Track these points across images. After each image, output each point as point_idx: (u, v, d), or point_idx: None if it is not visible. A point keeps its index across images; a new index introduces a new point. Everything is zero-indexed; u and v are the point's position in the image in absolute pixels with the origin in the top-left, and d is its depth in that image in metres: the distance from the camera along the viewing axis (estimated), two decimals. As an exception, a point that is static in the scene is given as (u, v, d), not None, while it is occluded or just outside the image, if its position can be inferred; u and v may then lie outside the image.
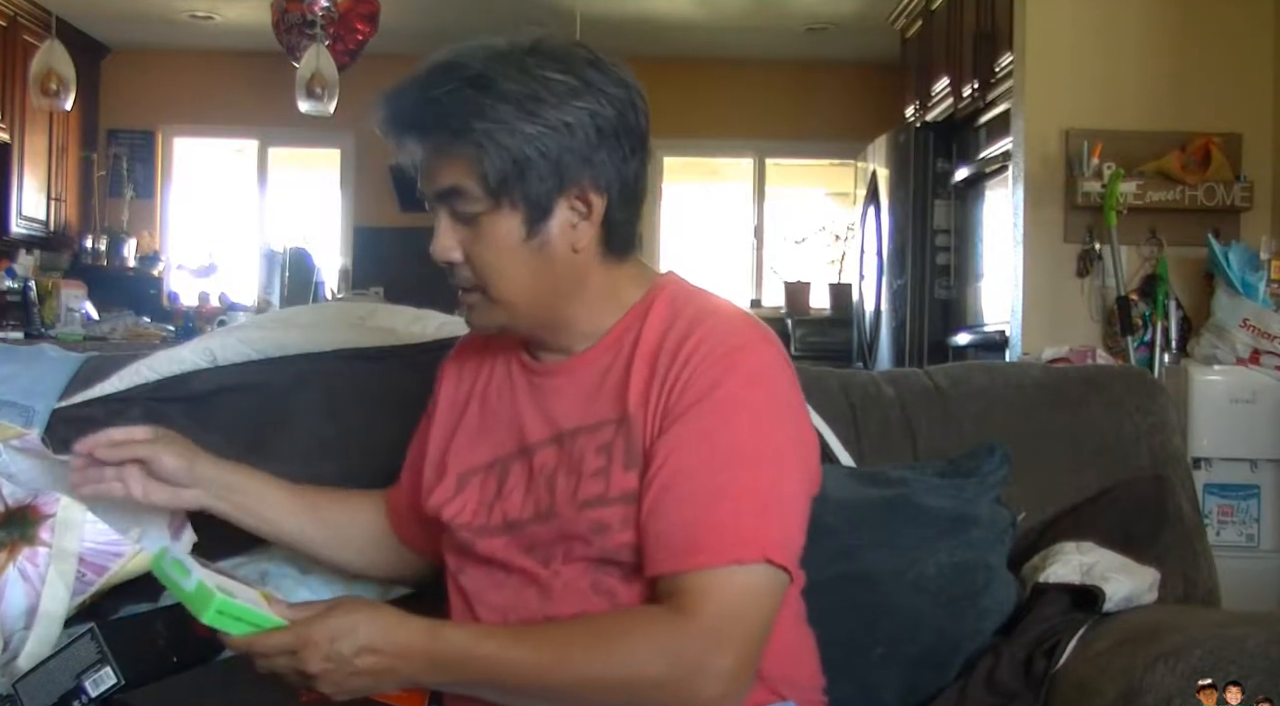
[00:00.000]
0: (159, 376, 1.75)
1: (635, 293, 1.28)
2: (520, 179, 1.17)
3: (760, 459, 1.18)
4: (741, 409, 1.18)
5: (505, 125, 1.16)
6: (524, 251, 1.21)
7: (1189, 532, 1.65)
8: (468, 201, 1.19)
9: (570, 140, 1.18)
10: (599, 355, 1.26)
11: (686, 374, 1.19)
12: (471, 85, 1.16)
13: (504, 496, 1.27)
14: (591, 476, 1.21)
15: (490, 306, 1.24)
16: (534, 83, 1.17)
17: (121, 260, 6.91)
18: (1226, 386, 3.24)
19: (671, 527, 1.15)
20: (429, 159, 1.20)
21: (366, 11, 5.39)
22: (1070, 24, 3.85)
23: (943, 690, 1.45)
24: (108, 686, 1.33)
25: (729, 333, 1.21)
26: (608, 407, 1.23)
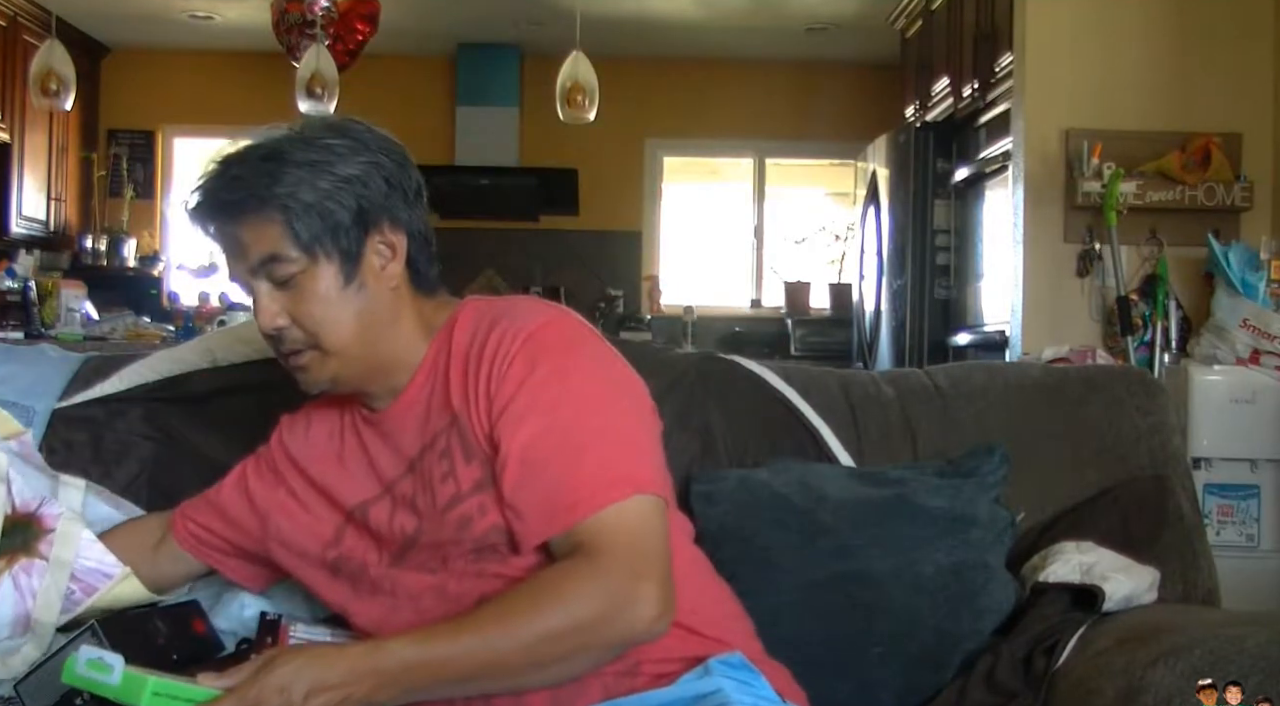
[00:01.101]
0: (159, 376, 1.76)
1: (440, 319, 1.37)
2: (329, 231, 1.28)
3: (599, 410, 1.27)
4: (565, 375, 1.27)
5: (305, 184, 1.27)
6: (346, 297, 1.30)
7: (1189, 532, 1.65)
8: (285, 264, 1.28)
9: (364, 190, 1.29)
10: (421, 384, 1.34)
11: (500, 360, 1.27)
12: (266, 160, 1.28)
13: (377, 537, 1.35)
14: (441, 481, 1.29)
15: (324, 360, 1.31)
16: (318, 149, 1.28)
17: (121, 260, 6.91)
18: (1226, 386, 3.24)
19: (543, 493, 1.22)
20: (240, 236, 1.28)
21: (366, 11, 5.39)
22: (1070, 24, 3.85)
23: (941, 690, 1.45)
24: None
25: (525, 315, 1.30)
26: (438, 418, 1.32)
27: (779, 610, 1.44)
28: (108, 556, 1.43)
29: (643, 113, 7.11)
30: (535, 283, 7.19)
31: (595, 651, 1.18)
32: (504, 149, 7.08)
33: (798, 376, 1.76)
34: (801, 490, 1.55)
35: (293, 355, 1.32)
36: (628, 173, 7.36)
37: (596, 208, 7.15)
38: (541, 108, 6.06)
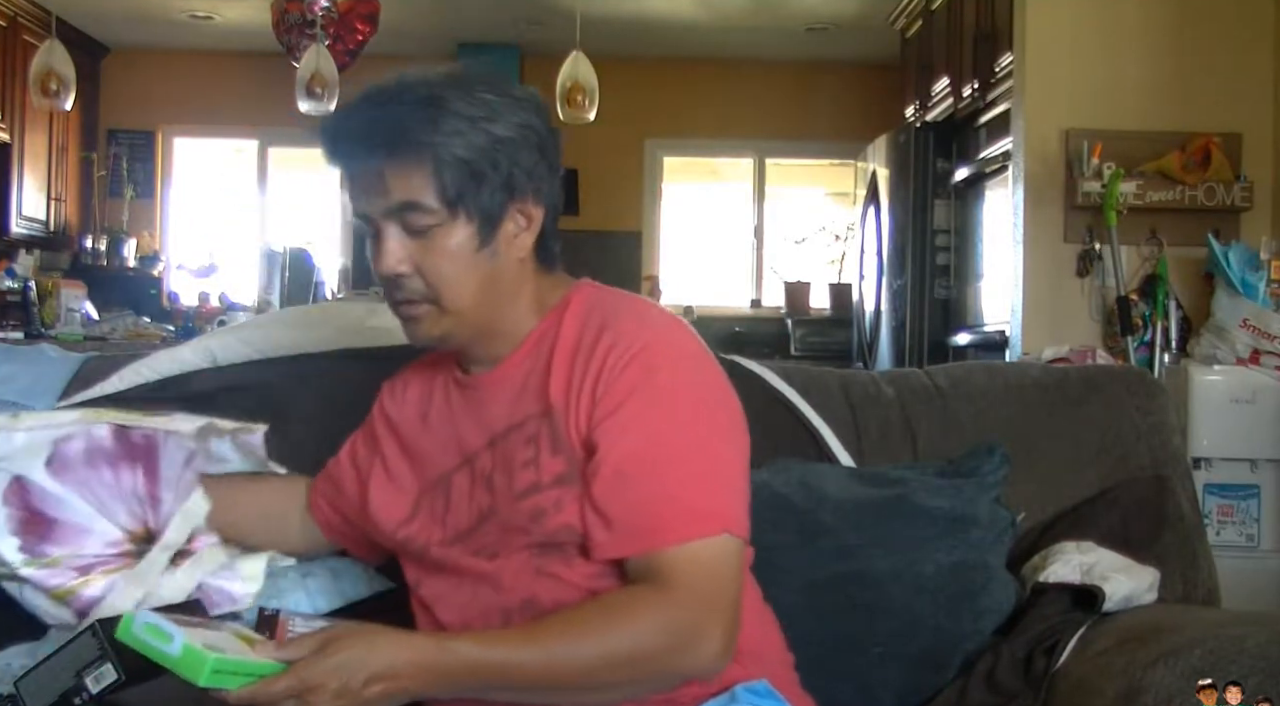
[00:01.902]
0: (159, 376, 1.76)
1: (555, 297, 1.35)
2: (476, 190, 1.24)
3: (703, 437, 1.25)
4: (675, 394, 1.25)
5: (461, 137, 1.22)
6: (476, 260, 1.27)
7: (1189, 532, 1.65)
8: (422, 215, 1.24)
9: (515, 152, 1.26)
10: (522, 358, 1.32)
11: (611, 365, 1.24)
12: (426, 103, 1.23)
13: (451, 509, 1.34)
14: (523, 467, 1.27)
15: (440, 317, 1.28)
16: (477, 102, 1.24)
17: (121, 260, 6.91)
18: (1226, 386, 3.24)
19: (633, 509, 1.20)
20: (384, 174, 1.24)
21: (366, 11, 5.39)
22: (1070, 24, 3.85)
23: (941, 690, 1.45)
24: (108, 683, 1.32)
25: (641, 323, 1.28)
26: (532, 403, 1.29)
27: (779, 610, 1.44)
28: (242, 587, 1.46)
29: (643, 113, 7.12)
30: (535, 282, 7.17)
31: (651, 682, 1.18)
32: (504, 149, 7.08)
33: (798, 376, 1.76)
34: (802, 490, 1.55)
35: (407, 304, 1.29)
36: (628, 173, 7.37)
37: (596, 208, 7.15)
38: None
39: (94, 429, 1.45)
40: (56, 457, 1.42)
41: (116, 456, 1.45)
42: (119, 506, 1.45)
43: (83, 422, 1.45)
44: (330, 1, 5.21)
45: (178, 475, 1.46)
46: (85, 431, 1.45)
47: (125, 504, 1.45)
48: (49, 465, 1.42)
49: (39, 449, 1.43)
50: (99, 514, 1.44)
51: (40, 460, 1.42)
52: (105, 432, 1.45)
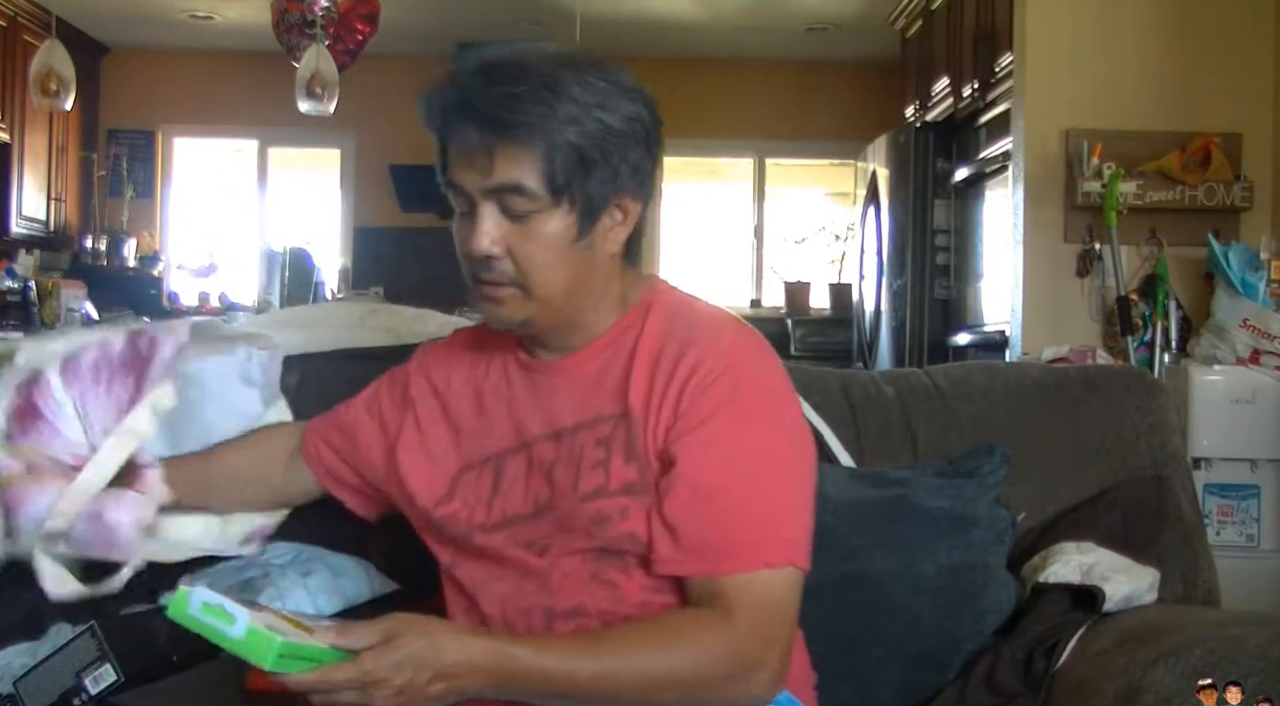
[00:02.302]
0: (159, 376, 1.75)
1: (636, 295, 1.34)
2: (583, 179, 1.22)
3: (780, 465, 1.24)
4: (757, 418, 1.24)
5: (575, 125, 1.20)
6: (571, 251, 1.25)
7: (1189, 532, 1.64)
8: (525, 199, 1.21)
9: (625, 144, 1.24)
10: (596, 353, 1.30)
11: (697, 381, 1.23)
12: (545, 86, 1.19)
13: (501, 492, 1.31)
14: (591, 468, 1.25)
15: (525, 302, 1.25)
16: (592, 89, 1.22)
17: (121, 260, 6.91)
18: (1226, 386, 3.24)
19: (703, 530, 1.19)
20: (488, 153, 1.20)
21: (366, 11, 5.39)
22: (1070, 24, 3.85)
23: (942, 690, 1.45)
24: (107, 684, 1.33)
25: (733, 342, 1.27)
26: (606, 403, 1.27)
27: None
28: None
29: (643, 113, 7.11)
30: (535, 282, 7.18)
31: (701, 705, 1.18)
32: (504, 149, 7.08)
33: (798, 376, 1.76)
34: (802, 490, 1.55)
35: (492, 286, 1.26)
36: (628, 173, 7.36)
37: (596, 208, 7.14)
38: (541, 108, 6.05)
39: (110, 335, 1.48)
40: (71, 363, 1.45)
41: (118, 366, 1.47)
42: (98, 419, 1.45)
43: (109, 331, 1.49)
44: (330, 1, 5.21)
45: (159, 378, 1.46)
46: (103, 339, 1.48)
47: (105, 417, 1.45)
48: (63, 367, 1.45)
49: (63, 354, 1.46)
50: (79, 423, 1.45)
51: (59, 362, 1.45)
52: (119, 339, 1.48)
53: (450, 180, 1.25)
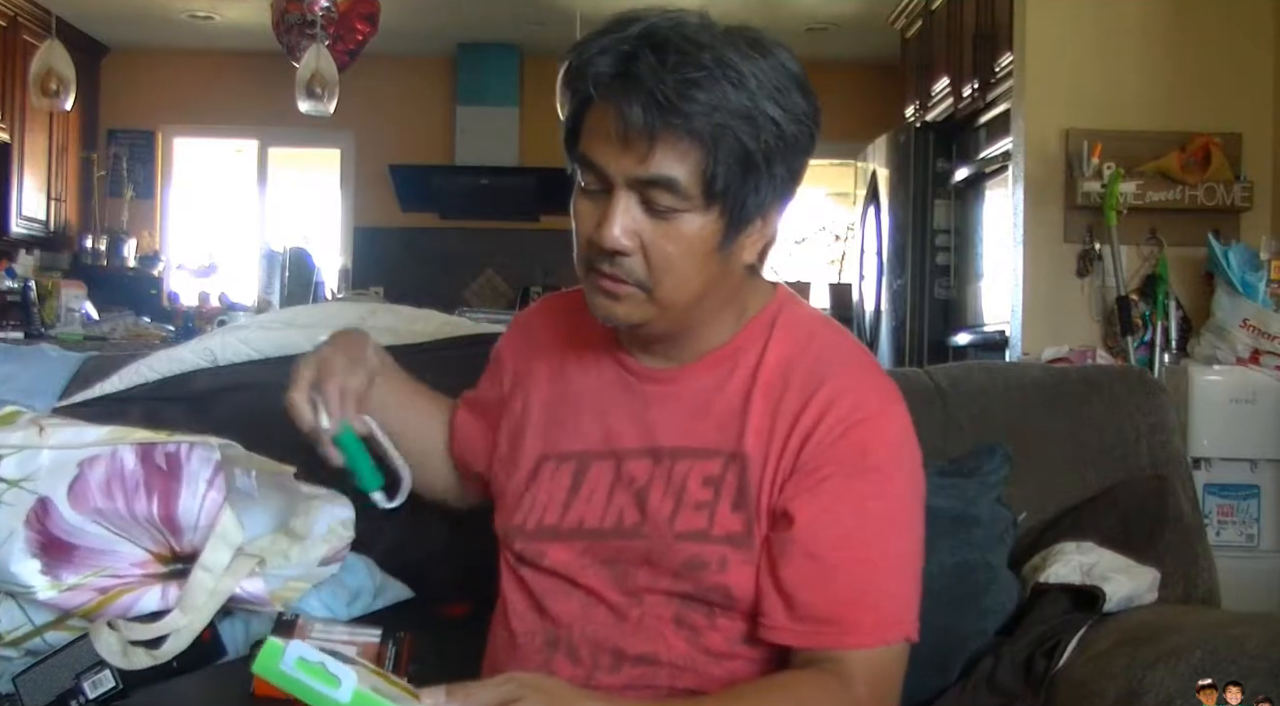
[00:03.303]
0: (159, 376, 1.76)
1: (755, 306, 1.23)
2: (742, 186, 1.10)
3: (904, 531, 1.17)
4: (889, 479, 1.15)
5: (750, 123, 1.08)
6: (712, 259, 1.13)
7: (1189, 532, 1.64)
8: (675, 195, 1.09)
9: (789, 149, 1.13)
10: (708, 370, 1.20)
11: (825, 431, 1.14)
12: (728, 78, 1.07)
13: (582, 497, 1.22)
14: (695, 508, 1.16)
15: (647, 305, 1.13)
16: (774, 88, 1.11)
17: (121, 260, 6.91)
18: (1226, 386, 3.24)
19: (821, 602, 1.12)
20: (648, 138, 1.07)
21: (366, 11, 5.39)
22: (1070, 24, 3.85)
23: (945, 690, 1.45)
24: (106, 689, 1.33)
25: (871, 389, 1.18)
26: (718, 435, 1.18)
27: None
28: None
29: (643, 113, 7.11)
30: (535, 282, 7.18)
31: None
32: (504, 149, 7.09)
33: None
34: (802, 490, 1.55)
35: (612, 280, 1.12)
36: (628, 173, 7.36)
37: (596, 207, 7.14)
38: (541, 107, 6.06)
39: (119, 450, 1.40)
40: (78, 484, 1.37)
41: (136, 483, 1.40)
42: (139, 532, 1.42)
43: (109, 444, 1.40)
44: (330, 1, 5.21)
45: (200, 495, 1.40)
46: (110, 453, 1.39)
47: (144, 530, 1.42)
48: (70, 491, 1.37)
49: (65, 471, 1.38)
50: (120, 538, 1.41)
51: (64, 484, 1.37)
52: (129, 454, 1.40)
53: (585, 155, 1.11)
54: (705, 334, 1.20)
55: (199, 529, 1.39)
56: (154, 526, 1.40)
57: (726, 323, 1.20)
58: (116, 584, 1.40)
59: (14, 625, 1.40)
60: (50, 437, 1.39)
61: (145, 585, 1.40)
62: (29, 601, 1.39)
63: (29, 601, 1.39)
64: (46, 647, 1.40)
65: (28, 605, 1.40)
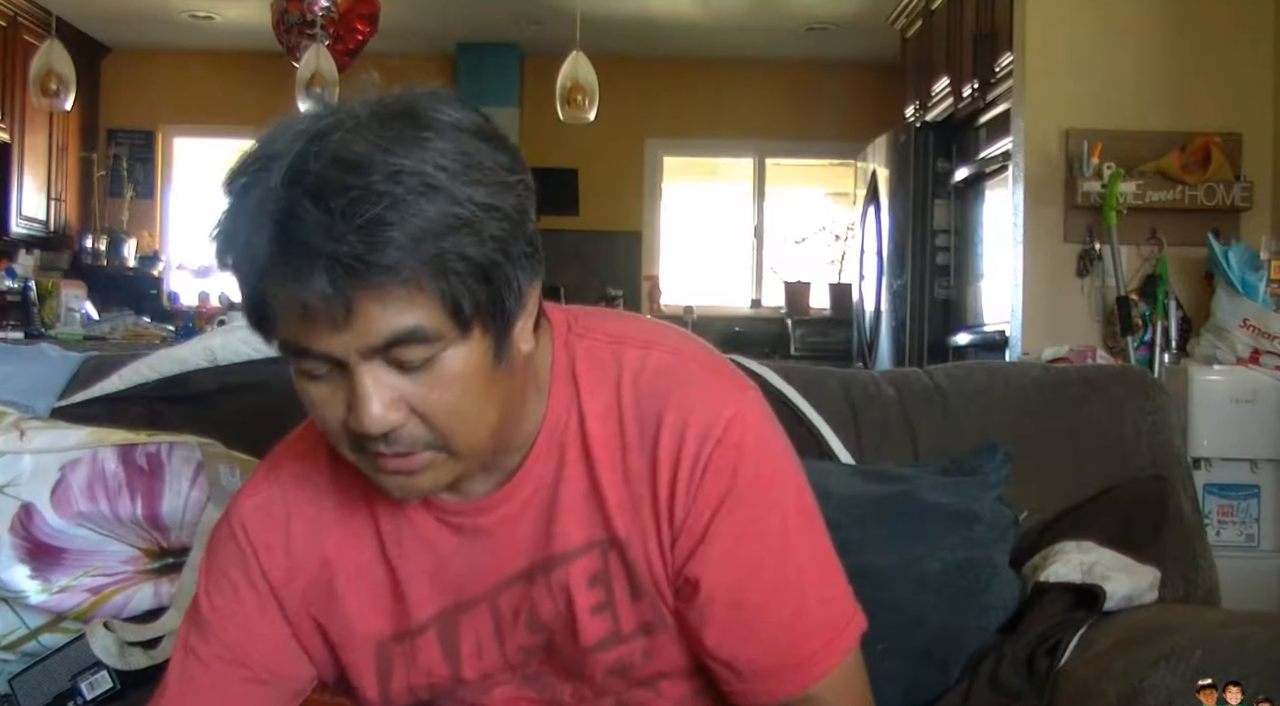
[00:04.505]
0: (159, 376, 1.75)
1: (545, 364, 1.03)
2: (493, 294, 0.90)
3: (807, 528, 1.05)
4: (767, 488, 1.03)
5: (471, 233, 0.87)
6: (493, 379, 0.94)
7: (1189, 532, 1.64)
8: (425, 344, 0.89)
9: (520, 226, 0.91)
10: (536, 467, 1.03)
11: (686, 475, 1.00)
12: (415, 191, 0.85)
13: (466, 656, 1.08)
14: (593, 614, 1.04)
15: (449, 463, 0.95)
16: (477, 170, 0.89)
17: (121, 260, 6.91)
18: (1226, 386, 3.24)
19: (767, 649, 1.02)
20: (359, 306, 0.86)
21: (366, 11, 5.39)
22: (1070, 24, 3.85)
23: (947, 689, 1.45)
24: (103, 690, 1.33)
25: (707, 397, 1.02)
26: (580, 530, 1.03)
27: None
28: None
29: (643, 113, 7.12)
30: (535, 282, 7.18)
31: None
32: (504, 149, 7.08)
33: (798, 376, 1.76)
34: (803, 489, 1.55)
35: (398, 458, 0.93)
36: (628, 173, 7.37)
37: (596, 208, 7.15)
38: (541, 107, 6.06)
39: (99, 453, 1.39)
40: (60, 488, 1.36)
41: (118, 484, 1.39)
42: (125, 531, 1.42)
43: (89, 446, 1.40)
44: (330, 1, 5.21)
45: (184, 494, 1.40)
46: (90, 456, 1.38)
47: (130, 529, 1.42)
48: (53, 496, 1.36)
49: (47, 475, 1.37)
50: (107, 538, 1.42)
51: (47, 488, 1.36)
52: (110, 456, 1.39)
53: (293, 343, 0.90)
54: (521, 440, 1.02)
55: (184, 526, 1.40)
56: (139, 526, 1.40)
57: (529, 411, 1.02)
58: (108, 583, 1.40)
59: (8, 629, 1.40)
60: (31, 441, 1.39)
61: (137, 582, 1.40)
62: (21, 605, 1.39)
63: (21, 605, 1.39)
64: (42, 650, 1.39)
65: (20, 608, 1.40)
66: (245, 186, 0.91)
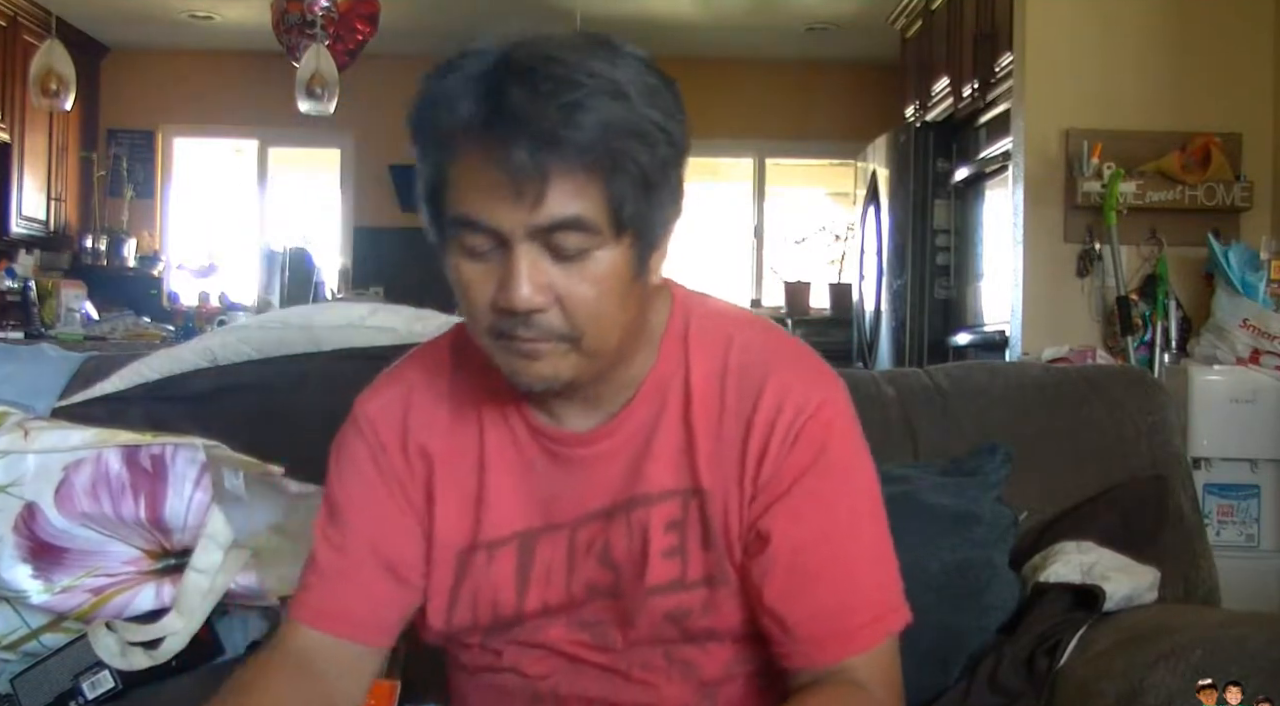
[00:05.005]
0: (159, 376, 1.76)
1: (659, 320, 1.13)
2: (648, 206, 1.00)
3: (875, 517, 1.12)
4: (850, 469, 1.11)
5: (641, 139, 0.98)
6: (630, 291, 1.03)
7: (1189, 532, 1.64)
8: (585, 235, 0.98)
9: (679, 158, 1.03)
10: (637, 411, 1.11)
11: (779, 441, 1.08)
12: (608, 92, 0.96)
13: (536, 579, 1.13)
14: (663, 557, 1.10)
15: (574, 357, 1.03)
16: (654, 96, 1.00)
17: (121, 260, 6.91)
18: (1226, 386, 3.24)
19: (816, 616, 1.07)
20: (538, 181, 0.95)
21: (366, 11, 5.39)
22: (1070, 24, 3.85)
23: (946, 688, 1.45)
24: (105, 690, 1.33)
25: (809, 380, 1.12)
26: (668, 476, 1.11)
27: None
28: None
29: (643, 113, 7.12)
30: (535, 282, 7.18)
31: None
32: (504, 149, 7.09)
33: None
34: (802, 490, 1.55)
35: (531, 342, 1.01)
36: (628, 173, 7.36)
37: (596, 208, 7.15)
38: (541, 108, 6.05)
39: (103, 453, 1.39)
40: (64, 488, 1.36)
41: (121, 485, 1.39)
42: (128, 532, 1.42)
43: (93, 447, 1.40)
44: (330, 1, 5.21)
45: (188, 496, 1.40)
46: (94, 456, 1.38)
47: (132, 530, 1.42)
48: (56, 496, 1.37)
49: (50, 475, 1.37)
50: (110, 538, 1.41)
51: (51, 488, 1.36)
52: (114, 457, 1.39)
53: (465, 215, 0.99)
54: (628, 371, 1.11)
55: (188, 528, 1.39)
56: (142, 527, 1.40)
57: (642, 352, 1.11)
58: (109, 583, 1.40)
59: (9, 628, 1.40)
60: (35, 441, 1.39)
61: (139, 583, 1.40)
62: (23, 605, 1.39)
63: (23, 605, 1.39)
64: (43, 650, 1.39)
65: (22, 608, 1.40)
66: (449, 69, 0.99)
